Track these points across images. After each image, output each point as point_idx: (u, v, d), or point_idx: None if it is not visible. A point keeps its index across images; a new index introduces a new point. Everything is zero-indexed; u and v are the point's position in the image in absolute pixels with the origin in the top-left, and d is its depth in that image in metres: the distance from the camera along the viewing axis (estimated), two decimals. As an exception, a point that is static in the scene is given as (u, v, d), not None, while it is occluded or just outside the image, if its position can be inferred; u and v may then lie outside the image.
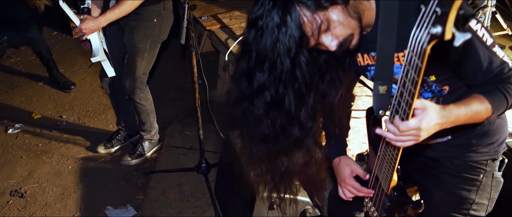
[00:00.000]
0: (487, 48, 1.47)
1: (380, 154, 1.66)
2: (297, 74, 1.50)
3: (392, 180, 1.67)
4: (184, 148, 4.06)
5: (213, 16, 4.41)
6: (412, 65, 1.21)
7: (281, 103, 1.57)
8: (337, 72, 1.72)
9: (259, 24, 1.44)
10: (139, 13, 3.31)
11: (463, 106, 1.39)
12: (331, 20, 1.45)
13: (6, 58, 5.70)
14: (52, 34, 6.21)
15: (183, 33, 2.93)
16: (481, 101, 1.42)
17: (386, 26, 1.46)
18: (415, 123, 1.30)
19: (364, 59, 1.74)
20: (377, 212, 1.89)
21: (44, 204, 3.49)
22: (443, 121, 1.34)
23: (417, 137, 1.34)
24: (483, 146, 1.77)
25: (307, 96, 1.59)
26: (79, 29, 3.09)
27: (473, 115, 1.41)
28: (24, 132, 4.33)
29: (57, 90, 5.00)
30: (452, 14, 1.03)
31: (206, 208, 3.40)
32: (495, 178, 1.82)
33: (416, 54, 1.17)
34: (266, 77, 1.51)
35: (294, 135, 1.66)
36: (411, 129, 1.31)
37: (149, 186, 3.65)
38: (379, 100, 1.54)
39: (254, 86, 1.54)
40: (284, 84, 1.52)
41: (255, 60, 1.49)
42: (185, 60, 5.45)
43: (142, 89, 3.59)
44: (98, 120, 4.49)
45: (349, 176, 1.97)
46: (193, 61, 3.23)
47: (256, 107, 1.59)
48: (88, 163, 3.92)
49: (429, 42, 1.11)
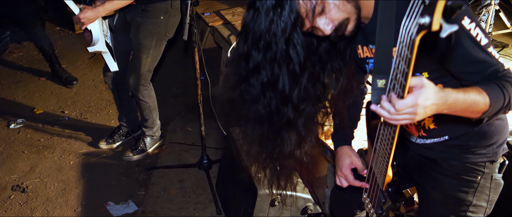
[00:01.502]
0: (481, 49, 1.45)
1: (376, 146, 1.66)
2: (291, 54, 1.52)
3: (387, 176, 1.67)
4: (185, 144, 4.06)
5: (216, 12, 4.41)
6: (402, 56, 1.20)
7: (276, 83, 1.59)
8: (338, 63, 1.73)
9: (256, 5, 1.47)
10: (146, 10, 3.31)
11: (462, 93, 1.36)
12: (326, 2, 1.46)
13: (9, 53, 5.70)
14: (55, 30, 6.22)
15: (185, 29, 2.93)
16: (479, 92, 1.39)
17: (384, 20, 1.46)
18: (411, 99, 1.26)
19: (363, 51, 1.75)
20: (374, 208, 1.89)
21: (46, 199, 3.50)
22: (441, 102, 1.30)
23: (413, 115, 1.30)
24: (481, 147, 1.75)
25: (301, 77, 1.60)
26: (78, 18, 3.10)
27: (470, 104, 1.37)
28: (26, 127, 4.33)
29: (59, 85, 5.00)
30: (439, 4, 1.02)
31: (207, 204, 3.41)
32: (494, 180, 1.80)
33: (406, 45, 1.17)
34: (262, 57, 1.54)
35: (287, 115, 1.67)
36: (408, 106, 1.27)
37: (150, 182, 3.65)
38: (377, 94, 1.53)
39: (250, 65, 1.57)
40: (278, 64, 1.54)
41: (252, 40, 1.52)
42: (187, 56, 5.45)
43: (146, 87, 3.58)
44: (100, 116, 4.49)
45: (346, 166, 1.98)
46: (196, 57, 3.23)
47: (253, 87, 1.62)
48: (89, 159, 3.92)
49: (418, 33, 1.10)
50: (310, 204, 2.82)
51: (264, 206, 2.76)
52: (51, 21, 6.28)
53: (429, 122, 1.75)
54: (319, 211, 2.89)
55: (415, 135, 1.84)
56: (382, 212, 1.84)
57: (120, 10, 3.36)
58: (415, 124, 1.80)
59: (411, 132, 1.84)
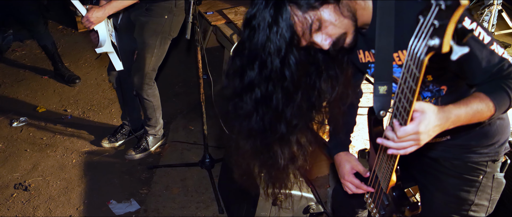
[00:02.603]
0: (484, 47, 1.44)
1: (379, 154, 1.66)
2: (285, 73, 1.51)
3: (390, 180, 1.67)
4: (188, 143, 4.06)
5: (218, 11, 4.41)
6: (410, 74, 1.20)
7: (269, 101, 1.59)
8: (335, 71, 1.72)
9: (253, 24, 1.46)
10: (150, 9, 3.31)
11: (463, 106, 1.37)
12: (322, 19, 1.45)
13: (12, 51, 5.71)
14: (58, 28, 6.22)
15: (188, 28, 2.93)
16: (482, 100, 1.40)
17: (383, 27, 1.45)
18: (412, 127, 1.28)
19: (365, 56, 1.74)
20: (376, 209, 1.89)
21: (48, 197, 3.51)
22: (443, 122, 1.32)
23: (417, 141, 1.32)
24: (483, 147, 1.75)
25: (294, 95, 1.60)
26: (86, 19, 3.09)
27: (474, 114, 1.39)
28: (29, 125, 4.34)
29: (62, 84, 5.01)
30: (450, 28, 1.01)
31: (209, 203, 3.41)
32: (496, 179, 1.81)
33: (414, 63, 1.16)
34: (256, 75, 1.53)
35: (280, 131, 1.68)
36: (409, 134, 1.29)
37: (152, 180, 3.66)
38: (379, 101, 1.53)
39: (245, 83, 1.57)
40: (273, 83, 1.54)
41: (247, 58, 1.52)
42: (190, 55, 5.45)
43: (150, 86, 3.59)
44: (103, 114, 4.50)
45: (348, 172, 1.97)
46: (198, 56, 3.23)
47: (246, 103, 1.62)
48: (92, 157, 3.93)
49: (427, 54, 1.10)
50: (312, 204, 2.82)
51: (266, 205, 2.76)
52: (54, 20, 6.28)
53: None
54: (321, 210, 2.89)
55: None
56: (385, 213, 1.84)
57: (124, 10, 3.36)
58: None
59: None
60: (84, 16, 3.09)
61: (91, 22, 3.10)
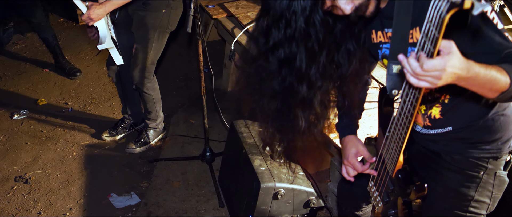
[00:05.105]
0: (496, 31, 1.45)
1: (389, 134, 1.65)
2: (310, 33, 1.54)
3: (398, 162, 1.66)
4: (188, 136, 4.06)
5: (220, 5, 4.40)
6: (429, 37, 1.18)
7: (293, 61, 1.62)
8: (352, 45, 1.73)
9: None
10: (147, 3, 3.29)
11: (483, 68, 1.30)
12: None
13: (12, 44, 5.70)
14: (58, 21, 6.21)
15: (189, 22, 2.92)
16: (500, 70, 1.34)
17: (402, 5, 1.46)
18: (440, 62, 1.20)
19: (377, 36, 1.74)
20: (380, 197, 1.88)
21: (49, 190, 3.51)
22: (463, 73, 1.24)
23: (436, 79, 1.23)
24: (485, 142, 1.74)
25: (319, 55, 1.63)
26: (87, 16, 3.07)
27: (490, 80, 1.32)
28: (29, 118, 4.34)
29: (62, 77, 5.00)
30: None
31: (210, 197, 3.41)
32: (498, 177, 1.80)
33: (433, 24, 1.15)
34: (281, 34, 1.57)
35: (302, 92, 1.70)
36: (436, 69, 1.21)
37: (153, 174, 3.66)
38: (392, 80, 1.52)
39: (270, 43, 1.60)
40: (297, 42, 1.57)
41: (272, 18, 1.55)
42: (190, 48, 5.44)
43: (149, 79, 3.58)
44: (103, 107, 4.50)
45: (353, 155, 1.96)
46: (199, 50, 3.22)
47: (270, 63, 1.65)
48: (92, 150, 3.93)
49: (448, 11, 1.09)
50: (313, 198, 2.82)
51: (267, 199, 2.76)
52: (55, 13, 6.27)
53: (436, 112, 1.75)
54: (321, 204, 2.89)
55: (421, 125, 1.83)
56: (388, 200, 1.83)
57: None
58: (422, 112, 1.79)
59: (417, 121, 1.83)
60: (85, 14, 3.08)
61: (91, 19, 3.09)
